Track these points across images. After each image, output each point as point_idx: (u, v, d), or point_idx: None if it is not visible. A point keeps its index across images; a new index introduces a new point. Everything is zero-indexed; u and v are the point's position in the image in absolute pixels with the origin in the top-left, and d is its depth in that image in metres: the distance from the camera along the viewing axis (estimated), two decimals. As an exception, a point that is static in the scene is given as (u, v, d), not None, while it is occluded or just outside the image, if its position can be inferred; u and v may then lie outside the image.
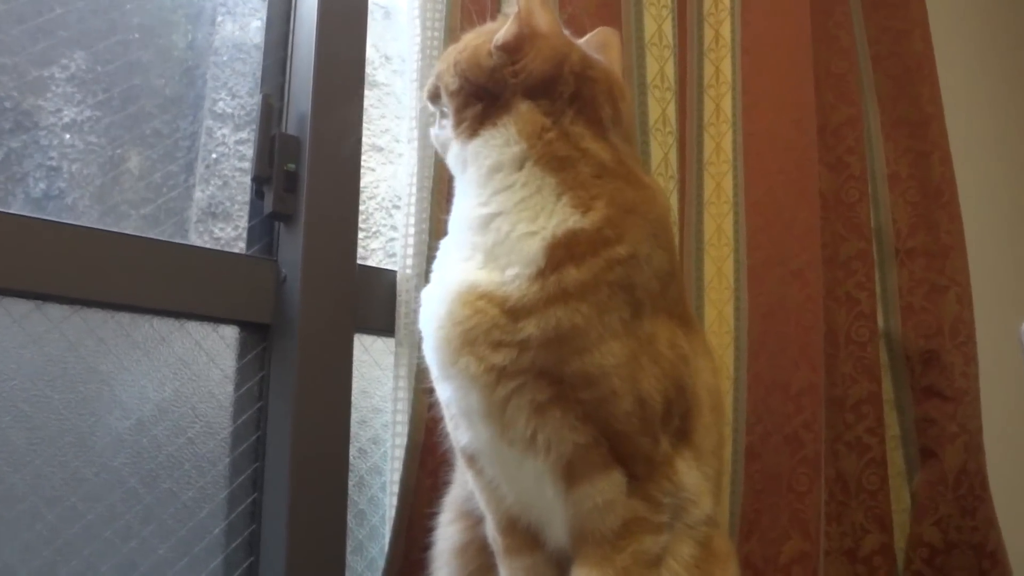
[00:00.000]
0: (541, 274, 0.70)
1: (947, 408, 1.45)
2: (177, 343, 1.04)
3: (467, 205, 0.77)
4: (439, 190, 1.11)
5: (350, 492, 1.05)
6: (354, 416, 1.08)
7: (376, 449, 1.16)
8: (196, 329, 1.05)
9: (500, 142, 0.76)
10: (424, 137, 1.14)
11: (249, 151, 1.13)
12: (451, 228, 0.80)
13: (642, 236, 0.73)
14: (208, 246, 1.11)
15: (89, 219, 1.04)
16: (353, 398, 1.07)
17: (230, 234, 1.12)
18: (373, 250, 1.23)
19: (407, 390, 1.08)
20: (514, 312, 0.69)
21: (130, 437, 0.98)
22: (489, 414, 0.71)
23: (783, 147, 1.40)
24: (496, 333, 0.69)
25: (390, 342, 1.13)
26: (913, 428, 1.49)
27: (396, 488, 1.04)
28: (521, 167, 0.75)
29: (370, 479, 1.15)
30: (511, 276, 0.71)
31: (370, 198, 1.24)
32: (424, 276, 1.09)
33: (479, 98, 0.78)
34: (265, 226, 1.12)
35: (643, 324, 0.72)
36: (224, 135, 1.13)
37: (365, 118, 1.16)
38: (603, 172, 0.75)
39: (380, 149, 1.27)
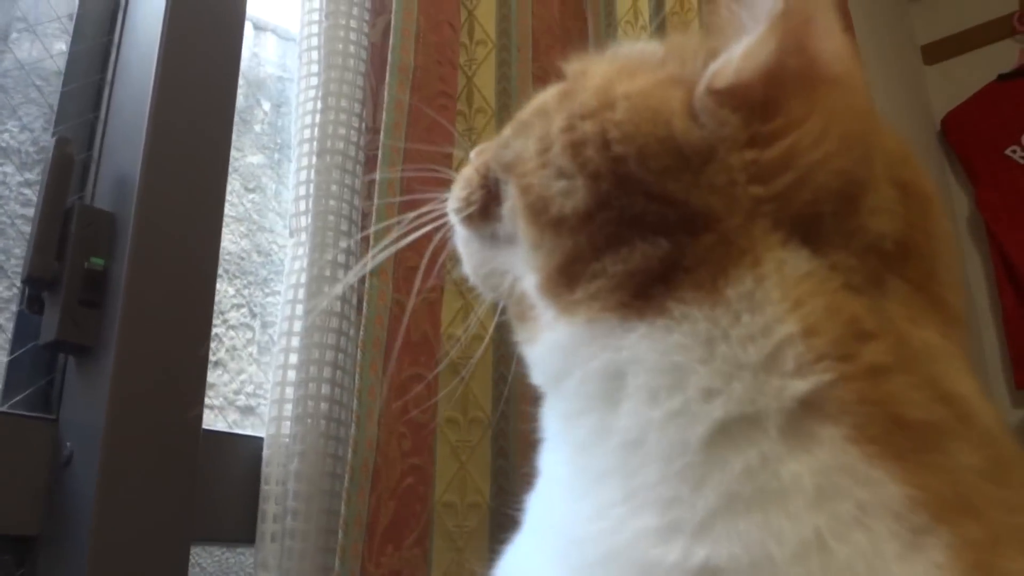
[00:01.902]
0: None
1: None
2: None
3: (618, 513, 0.31)
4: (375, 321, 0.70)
5: None
6: None
7: None
8: None
9: (759, 359, 0.30)
10: (322, 227, 0.73)
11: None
12: (530, 539, 0.37)
13: None
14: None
15: None
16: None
17: (2, 295, 0.80)
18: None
19: (275, 647, 0.65)
20: None
21: None
22: None
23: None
24: None
25: (246, 557, 0.69)
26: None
27: None
28: (812, 441, 0.29)
29: None
30: None
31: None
32: (316, 450, 0.68)
33: (652, 227, 0.33)
34: (39, 363, 0.66)
35: None
36: (5, 174, 0.88)
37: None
38: (996, 460, 0.30)
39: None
